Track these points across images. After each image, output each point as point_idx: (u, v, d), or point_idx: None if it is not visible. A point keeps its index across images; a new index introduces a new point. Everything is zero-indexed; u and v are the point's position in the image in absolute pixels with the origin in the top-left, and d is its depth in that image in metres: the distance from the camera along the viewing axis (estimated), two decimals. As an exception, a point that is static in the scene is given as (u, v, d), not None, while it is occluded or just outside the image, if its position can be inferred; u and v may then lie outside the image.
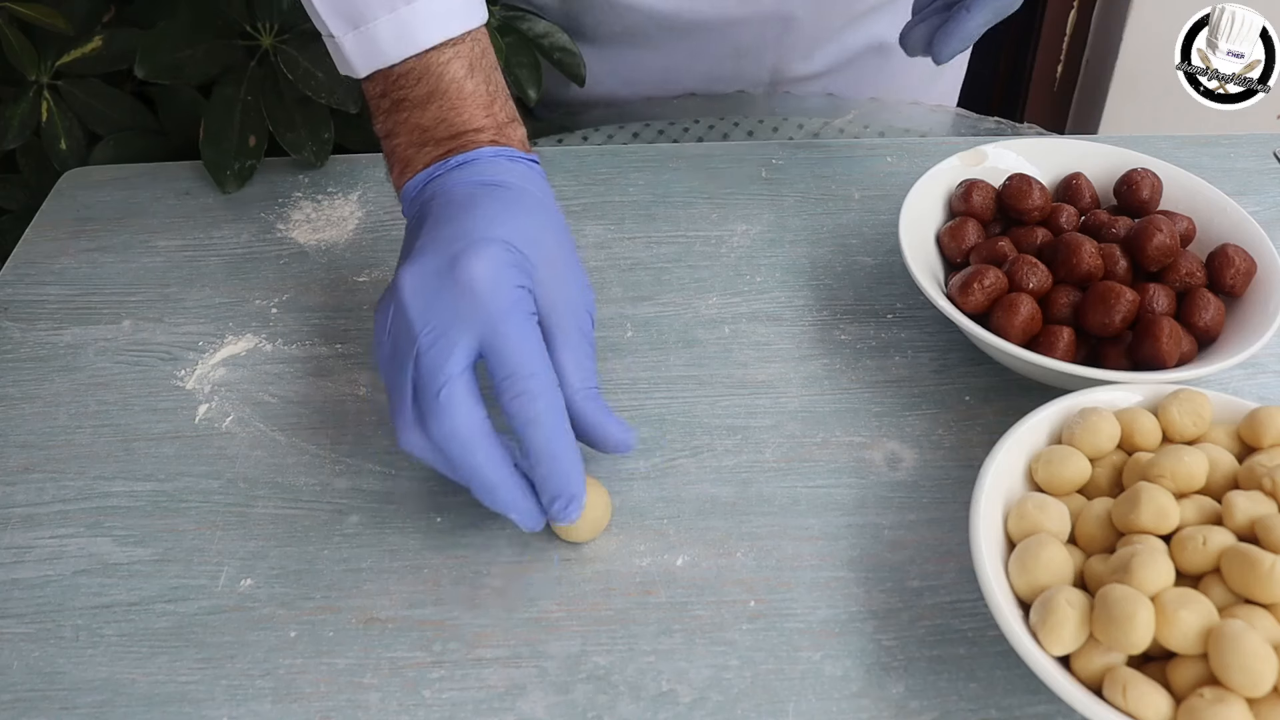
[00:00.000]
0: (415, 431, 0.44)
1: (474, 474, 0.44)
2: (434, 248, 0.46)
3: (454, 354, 0.43)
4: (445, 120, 0.51)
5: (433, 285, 0.45)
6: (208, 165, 0.68)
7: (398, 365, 0.44)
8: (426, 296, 0.44)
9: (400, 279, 0.45)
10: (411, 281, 0.45)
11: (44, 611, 0.47)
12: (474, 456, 0.43)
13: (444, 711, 0.43)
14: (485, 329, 0.44)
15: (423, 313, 0.44)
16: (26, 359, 0.58)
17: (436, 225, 0.47)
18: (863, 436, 0.53)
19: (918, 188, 0.59)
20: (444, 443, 0.43)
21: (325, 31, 0.52)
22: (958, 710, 0.43)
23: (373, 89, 0.52)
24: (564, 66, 0.75)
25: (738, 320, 0.60)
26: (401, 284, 0.45)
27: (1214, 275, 0.54)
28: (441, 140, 0.51)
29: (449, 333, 0.44)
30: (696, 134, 0.78)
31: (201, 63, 0.68)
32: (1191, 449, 0.44)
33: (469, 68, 0.52)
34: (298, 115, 0.68)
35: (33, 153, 0.77)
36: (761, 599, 0.47)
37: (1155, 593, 0.39)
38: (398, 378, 0.44)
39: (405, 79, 0.51)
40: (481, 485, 0.44)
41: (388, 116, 0.52)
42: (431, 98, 0.51)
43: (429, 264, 0.45)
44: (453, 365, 0.43)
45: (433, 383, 0.43)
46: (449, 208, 0.48)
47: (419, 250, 0.46)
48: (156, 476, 0.52)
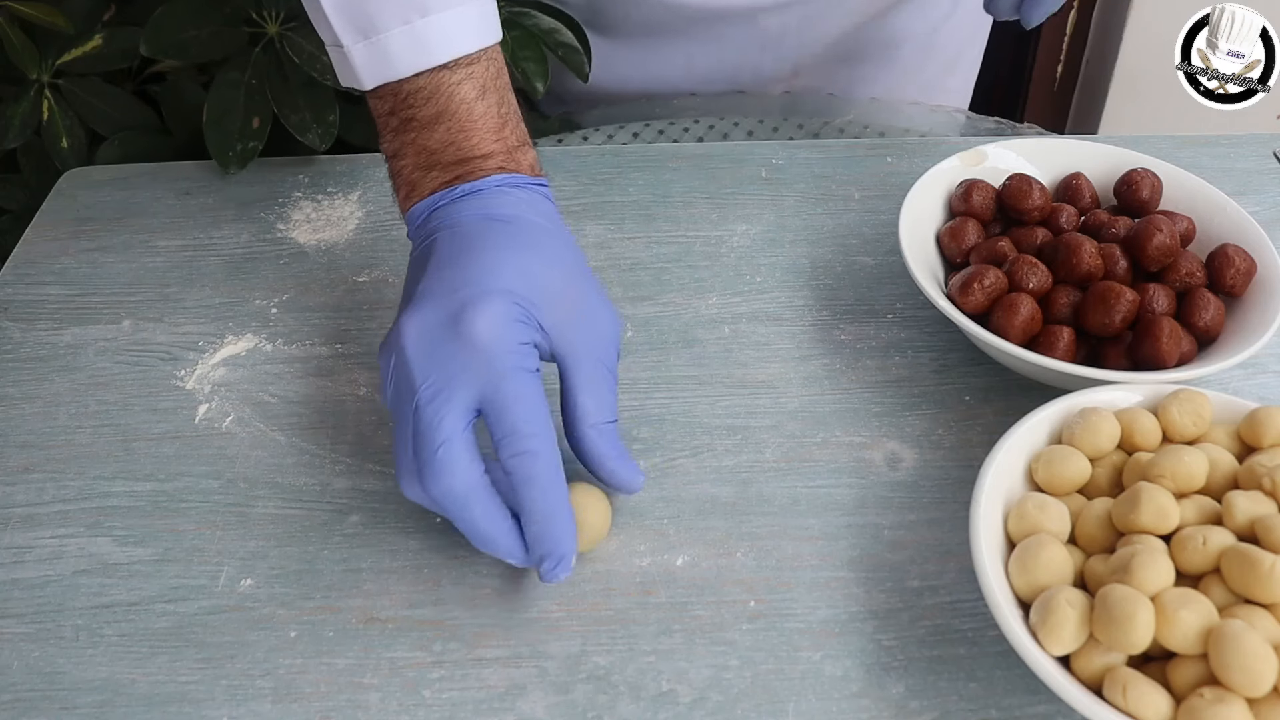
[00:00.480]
0: (414, 482, 0.44)
1: (471, 528, 0.44)
2: (438, 295, 0.45)
3: (453, 411, 0.43)
4: (453, 144, 0.50)
5: (435, 337, 0.44)
6: (210, 146, 0.67)
7: (400, 414, 0.44)
8: (428, 348, 0.44)
9: (403, 327, 0.45)
10: (414, 331, 0.44)
11: (44, 611, 0.47)
12: (470, 513, 0.43)
13: (444, 711, 0.43)
14: (486, 386, 0.43)
15: (423, 365, 0.44)
16: (26, 359, 0.58)
17: (440, 267, 0.46)
18: (863, 436, 0.53)
19: (918, 188, 0.59)
20: (440, 499, 0.43)
21: (332, 40, 0.50)
22: (958, 710, 0.43)
23: (381, 106, 0.51)
24: (569, 63, 0.75)
25: (738, 320, 0.60)
26: (404, 332, 0.44)
27: (1214, 275, 0.54)
28: (448, 165, 0.50)
29: (448, 388, 0.43)
30: (696, 134, 0.78)
31: (206, 44, 0.68)
32: (1191, 449, 0.44)
33: (481, 89, 0.50)
34: (302, 98, 0.68)
35: (33, 152, 0.77)
36: (761, 599, 0.47)
37: (1155, 593, 0.39)
38: (400, 426, 0.44)
39: (414, 98, 0.50)
40: (478, 538, 0.44)
41: (395, 136, 0.51)
42: (440, 119, 0.50)
43: (432, 314, 0.45)
44: (451, 423, 0.43)
45: (431, 440, 0.43)
46: (453, 245, 0.47)
47: (422, 296, 0.45)
48: (156, 476, 0.52)
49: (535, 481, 0.43)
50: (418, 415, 0.43)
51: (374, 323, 0.60)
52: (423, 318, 0.45)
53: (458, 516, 0.44)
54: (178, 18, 0.68)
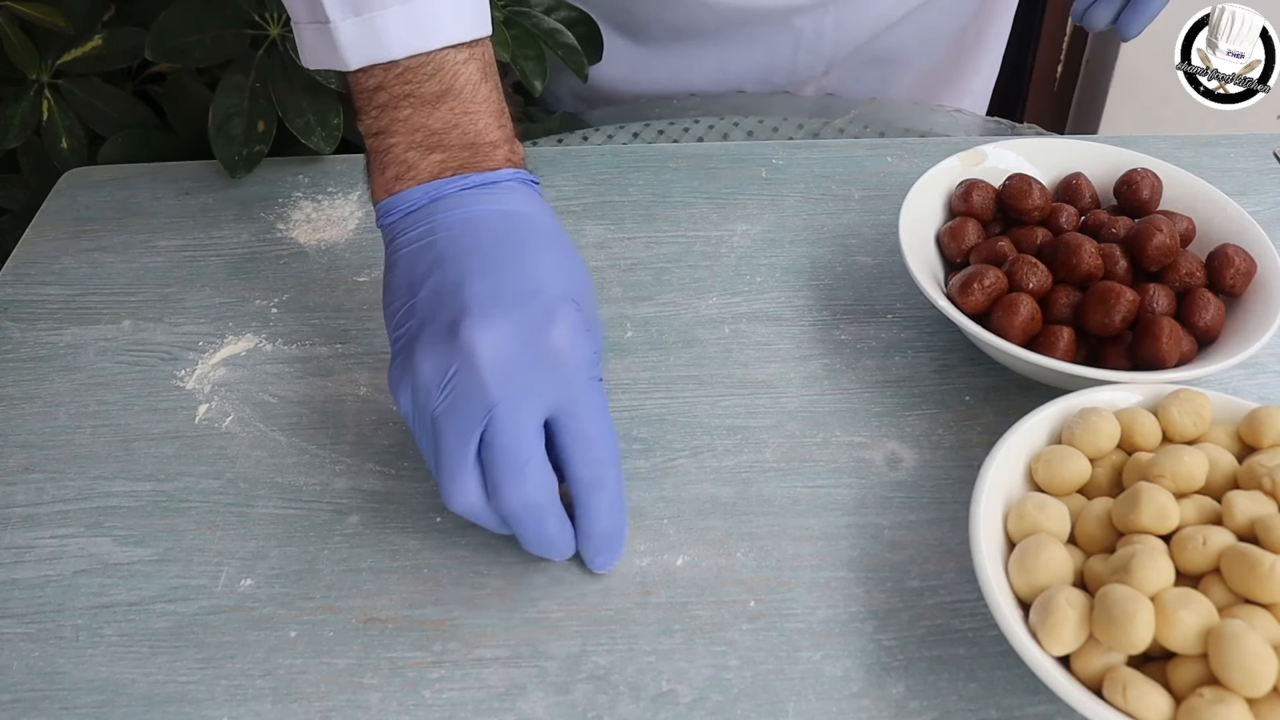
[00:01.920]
0: (476, 494, 0.43)
1: (540, 535, 0.44)
2: (505, 305, 0.43)
3: (534, 424, 0.43)
4: (459, 126, 0.48)
5: (514, 352, 0.43)
6: (216, 151, 0.67)
7: (459, 427, 0.43)
8: (505, 360, 0.42)
9: (474, 341, 0.42)
10: (489, 345, 0.42)
11: (44, 611, 0.47)
12: (546, 523, 0.44)
13: (444, 711, 0.43)
14: (564, 397, 0.43)
15: (499, 378, 0.42)
16: (26, 359, 0.58)
17: (488, 272, 0.44)
18: (863, 436, 0.53)
19: (918, 188, 0.59)
20: (522, 511, 0.43)
21: (311, 17, 0.47)
22: (958, 710, 0.43)
23: (366, 81, 0.48)
24: (569, 63, 0.76)
25: (738, 320, 0.60)
26: (475, 346, 0.42)
27: (1214, 275, 0.54)
28: (454, 148, 0.47)
29: (528, 401, 0.43)
30: (696, 134, 0.78)
31: (209, 48, 0.68)
32: (1191, 449, 0.44)
33: (483, 72, 0.48)
34: (306, 101, 0.68)
35: (33, 152, 0.77)
36: (761, 599, 0.47)
37: (1155, 593, 0.39)
38: (456, 442, 0.43)
39: (414, 73, 0.47)
40: (544, 543, 0.45)
41: (382, 113, 0.48)
42: (444, 98, 0.47)
43: (506, 328, 0.43)
44: (534, 437, 0.43)
45: (516, 455, 0.42)
46: (490, 246, 0.45)
47: (485, 305, 0.43)
48: (156, 476, 0.52)
49: (606, 486, 0.45)
50: (496, 428, 0.42)
51: (373, 323, 0.60)
52: (496, 329, 0.43)
53: (532, 527, 0.44)
54: (180, 21, 0.68)
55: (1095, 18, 0.59)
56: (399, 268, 0.47)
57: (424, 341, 0.44)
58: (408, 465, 0.52)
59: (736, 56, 0.82)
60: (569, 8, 0.77)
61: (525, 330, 0.43)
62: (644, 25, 0.81)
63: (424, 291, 0.45)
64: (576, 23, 0.77)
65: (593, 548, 0.46)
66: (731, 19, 0.79)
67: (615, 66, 0.84)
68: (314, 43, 0.49)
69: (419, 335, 0.44)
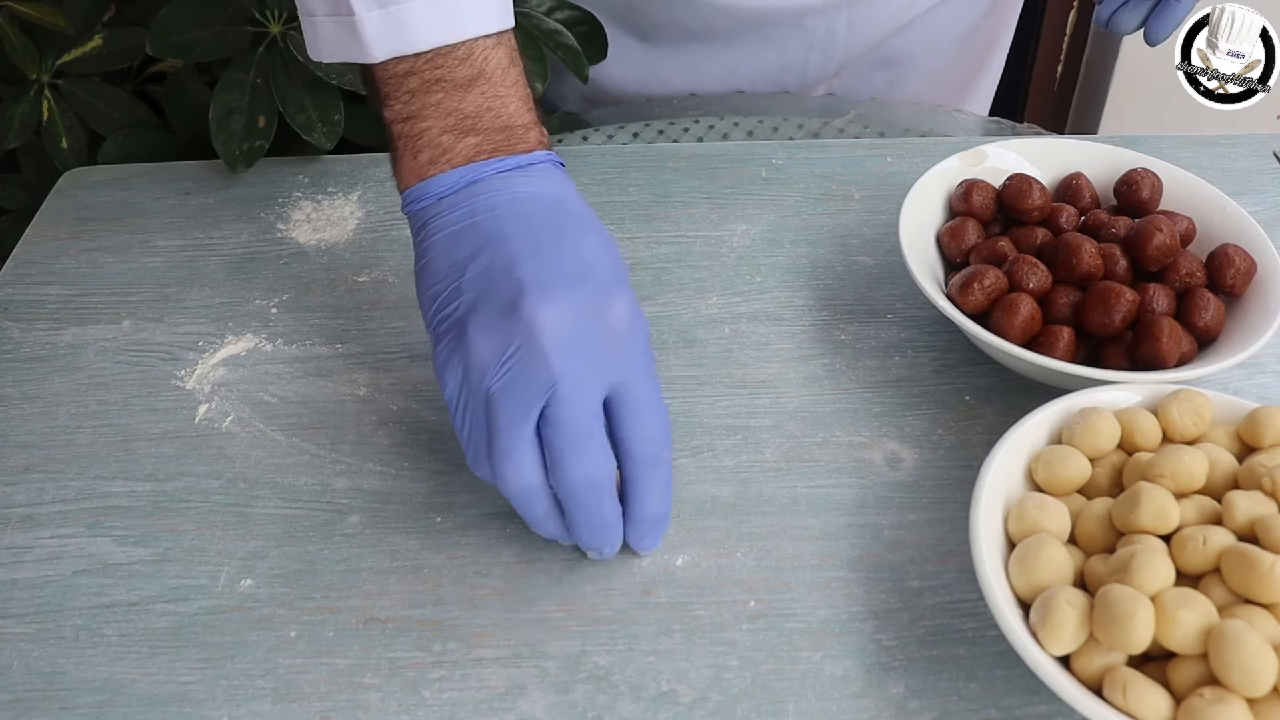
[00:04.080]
0: (534, 472, 0.43)
1: (597, 518, 0.44)
2: (565, 285, 0.44)
3: (597, 401, 0.43)
4: (491, 109, 0.48)
5: (579, 329, 0.43)
6: (216, 146, 0.67)
7: (519, 404, 0.43)
8: (571, 340, 0.43)
9: (536, 318, 0.43)
10: (553, 322, 0.43)
11: (44, 611, 0.47)
12: (605, 503, 0.44)
13: (444, 711, 0.43)
14: (625, 376, 0.44)
15: (566, 356, 0.42)
16: (26, 359, 0.58)
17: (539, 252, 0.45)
18: (863, 436, 0.53)
19: (918, 188, 0.59)
20: (582, 488, 0.43)
21: (336, 10, 0.47)
22: (958, 710, 0.43)
23: (395, 67, 0.48)
24: (569, 63, 0.76)
25: (738, 320, 0.60)
26: (538, 323, 0.42)
27: (1214, 275, 0.54)
28: (488, 131, 0.47)
29: (593, 380, 0.43)
30: (696, 134, 0.78)
31: (210, 44, 0.68)
32: (1191, 449, 0.44)
33: (510, 58, 0.49)
34: (307, 97, 0.68)
35: (33, 152, 0.77)
36: (761, 599, 0.47)
37: (1155, 593, 0.39)
38: (515, 418, 0.43)
39: (445, 59, 0.47)
40: (599, 527, 0.45)
41: (413, 98, 0.47)
42: (476, 82, 0.47)
43: (568, 306, 0.43)
44: (597, 413, 0.43)
45: (580, 430, 0.43)
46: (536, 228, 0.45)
47: (543, 284, 0.43)
48: (156, 476, 0.52)
49: (660, 466, 0.45)
50: (560, 404, 0.42)
51: (374, 323, 0.60)
52: (559, 307, 0.43)
53: (590, 505, 0.44)
54: (181, 18, 0.68)
55: (1123, 22, 0.59)
56: (436, 250, 0.47)
57: (479, 321, 0.44)
58: (408, 465, 0.52)
59: (747, 58, 0.82)
60: (571, 7, 0.77)
61: (586, 308, 0.44)
62: (654, 26, 0.81)
63: (470, 273, 0.45)
64: (578, 22, 0.77)
65: (642, 529, 0.46)
66: (743, 20, 0.79)
67: (624, 67, 0.84)
68: (332, 35, 0.48)
69: (471, 315, 0.44)
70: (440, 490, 0.51)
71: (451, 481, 0.51)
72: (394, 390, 0.56)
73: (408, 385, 0.56)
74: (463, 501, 0.50)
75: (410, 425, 0.54)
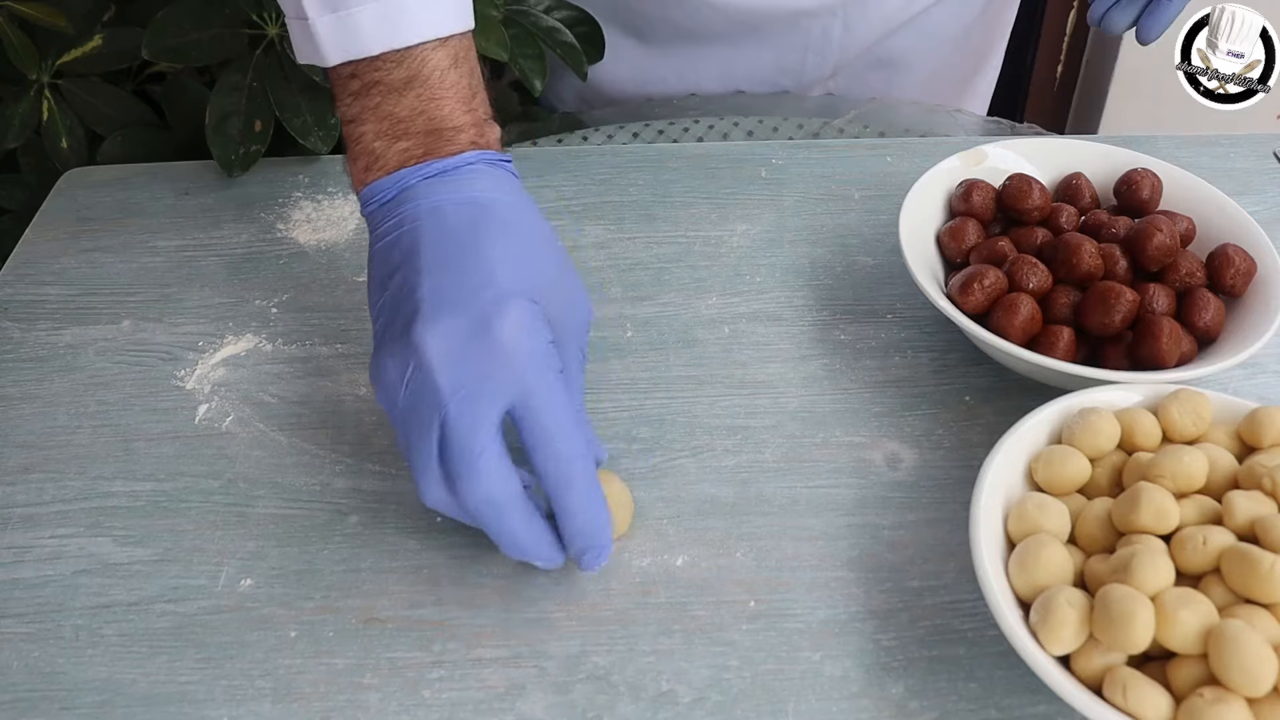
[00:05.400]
0: (441, 490, 0.43)
1: (508, 536, 0.44)
2: (453, 301, 0.44)
3: (487, 419, 0.42)
4: (424, 112, 0.48)
5: (460, 346, 0.43)
6: (213, 150, 0.67)
7: (419, 424, 0.43)
8: (455, 360, 0.43)
9: (422, 339, 0.43)
10: (435, 340, 0.43)
11: (44, 611, 0.47)
12: (510, 521, 0.43)
13: (444, 711, 0.43)
14: (520, 391, 0.43)
15: (453, 376, 0.42)
16: (26, 359, 0.58)
17: (440, 266, 0.45)
18: (863, 436, 0.53)
19: (918, 188, 0.59)
20: (478, 507, 0.43)
21: (296, 12, 0.48)
22: (958, 710, 0.43)
23: (341, 69, 0.48)
24: (569, 61, 0.76)
25: (738, 320, 0.60)
26: (424, 344, 0.43)
27: (1214, 275, 0.54)
28: (417, 135, 0.48)
29: (482, 398, 0.42)
30: (696, 134, 0.78)
31: (207, 47, 0.68)
32: (1191, 449, 0.44)
33: (454, 58, 0.48)
34: (304, 101, 0.68)
35: (33, 152, 0.77)
36: (761, 599, 0.47)
37: (1155, 593, 0.39)
38: (419, 439, 0.43)
39: (382, 62, 0.48)
40: (514, 546, 0.44)
41: (354, 101, 0.48)
42: (410, 84, 0.47)
43: (452, 322, 0.43)
44: (486, 432, 0.42)
45: (468, 450, 0.42)
46: (444, 237, 0.46)
47: (435, 303, 0.44)
48: (156, 476, 0.52)
49: (574, 484, 0.43)
50: (449, 425, 0.42)
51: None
52: (443, 326, 0.43)
53: (494, 524, 0.43)
54: (178, 21, 0.68)
55: (1115, 21, 0.59)
56: (374, 264, 0.48)
57: (386, 342, 0.45)
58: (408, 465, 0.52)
59: (744, 59, 0.82)
60: (569, 7, 0.77)
61: (472, 325, 0.43)
62: (651, 26, 0.81)
63: (389, 290, 0.46)
64: (577, 22, 0.77)
65: (575, 548, 0.44)
66: (740, 21, 0.79)
67: (621, 67, 0.84)
68: (299, 38, 0.49)
69: (384, 336, 0.45)
70: (440, 490, 0.51)
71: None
72: (394, 390, 0.56)
73: (408, 385, 0.56)
74: (463, 501, 0.50)
75: (410, 425, 0.54)
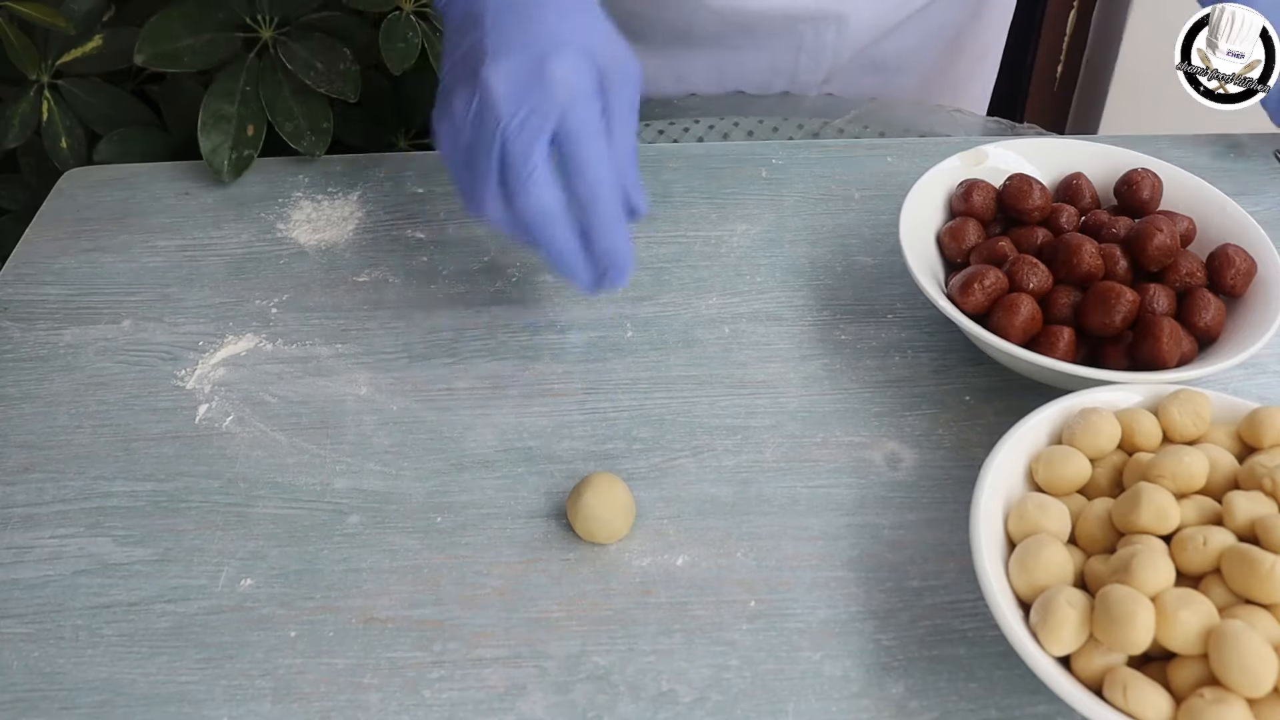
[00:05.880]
0: (499, 205, 0.49)
1: (551, 243, 0.50)
2: (515, 47, 0.49)
3: (540, 139, 0.48)
4: None
5: (519, 84, 0.48)
6: (205, 154, 0.68)
7: (483, 148, 0.49)
8: (513, 92, 0.48)
9: (487, 76, 0.49)
10: (499, 79, 0.48)
11: (44, 611, 0.47)
12: (555, 229, 0.49)
13: (444, 711, 0.43)
14: (565, 119, 0.48)
15: (510, 102, 0.48)
16: (26, 359, 0.58)
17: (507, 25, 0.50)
18: (863, 436, 0.53)
19: (918, 188, 0.59)
20: (531, 217, 0.49)
21: None
22: (958, 710, 0.43)
23: None
24: None
25: (738, 320, 0.60)
26: (489, 80, 0.48)
27: (1214, 275, 0.54)
28: None
29: (534, 119, 0.48)
30: (696, 134, 0.78)
31: (201, 52, 0.68)
32: (1191, 449, 0.44)
33: None
34: (296, 106, 0.68)
35: (33, 152, 0.77)
36: (761, 599, 0.47)
37: (1155, 593, 0.39)
38: (482, 161, 0.49)
39: None
40: (556, 253, 0.50)
41: None
42: None
43: (513, 64, 0.49)
44: (540, 150, 0.48)
45: (525, 164, 0.48)
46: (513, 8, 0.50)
47: (498, 49, 0.49)
48: (156, 476, 0.52)
49: (597, 206, 0.49)
50: (508, 144, 0.48)
51: (374, 323, 0.60)
52: (505, 67, 0.49)
53: (544, 233, 0.49)
54: (172, 26, 0.68)
55: None
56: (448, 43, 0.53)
57: (454, 85, 0.51)
58: (408, 465, 0.52)
59: (737, 61, 0.82)
60: None
61: (530, 65, 0.49)
62: (644, 27, 0.81)
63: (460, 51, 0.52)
64: None
65: (602, 264, 0.50)
66: (734, 23, 0.79)
67: None
68: None
69: (452, 82, 0.51)
70: (440, 490, 0.51)
71: (451, 482, 0.51)
72: (394, 390, 0.56)
73: (408, 385, 0.56)
74: (463, 501, 0.50)
75: (410, 425, 0.54)
